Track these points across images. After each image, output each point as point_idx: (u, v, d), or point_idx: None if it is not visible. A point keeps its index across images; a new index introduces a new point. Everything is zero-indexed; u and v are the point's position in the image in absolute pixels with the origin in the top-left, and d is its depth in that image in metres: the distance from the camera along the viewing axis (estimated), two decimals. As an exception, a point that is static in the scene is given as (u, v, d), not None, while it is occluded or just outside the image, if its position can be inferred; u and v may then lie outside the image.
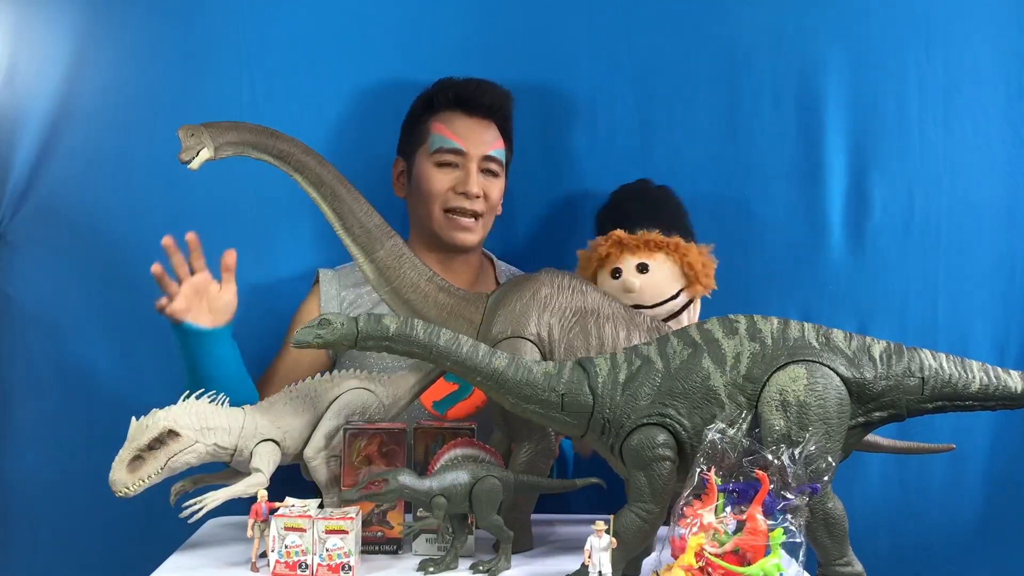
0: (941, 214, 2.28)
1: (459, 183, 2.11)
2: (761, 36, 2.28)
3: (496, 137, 2.16)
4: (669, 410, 1.56)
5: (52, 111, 2.22)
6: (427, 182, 2.13)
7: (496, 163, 2.15)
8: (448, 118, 2.14)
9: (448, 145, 2.11)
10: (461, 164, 2.12)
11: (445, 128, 2.12)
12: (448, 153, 2.12)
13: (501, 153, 2.16)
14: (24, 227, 2.22)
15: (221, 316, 1.95)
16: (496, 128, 2.16)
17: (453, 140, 2.12)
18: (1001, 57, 2.27)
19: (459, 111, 2.14)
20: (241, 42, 2.26)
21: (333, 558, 1.61)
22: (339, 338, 1.56)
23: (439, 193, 2.12)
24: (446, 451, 1.69)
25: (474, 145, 2.12)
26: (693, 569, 1.43)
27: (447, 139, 2.12)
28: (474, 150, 2.12)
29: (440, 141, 2.12)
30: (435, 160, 2.13)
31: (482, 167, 2.13)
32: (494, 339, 1.78)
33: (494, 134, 2.16)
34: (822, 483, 1.51)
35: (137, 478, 1.66)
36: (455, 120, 2.13)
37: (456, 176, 2.12)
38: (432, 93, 2.17)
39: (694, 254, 1.93)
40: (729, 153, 2.29)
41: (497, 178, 2.16)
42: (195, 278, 1.93)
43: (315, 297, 2.18)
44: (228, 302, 1.96)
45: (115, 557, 2.25)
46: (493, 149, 2.14)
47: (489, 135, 2.15)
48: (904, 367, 1.58)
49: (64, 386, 2.25)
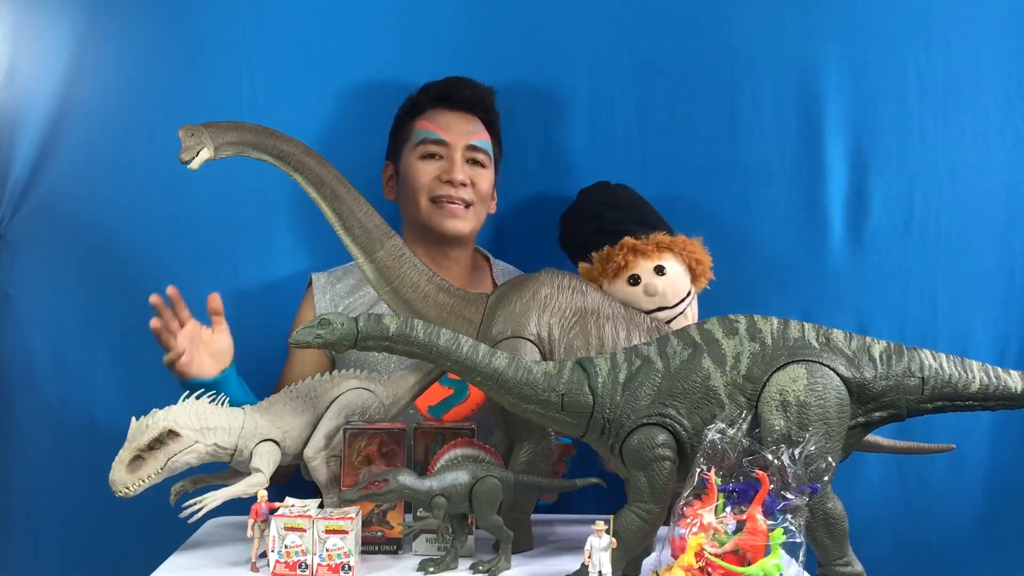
0: (941, 214, 2.28)
1: (444, 172, 2.12)
2: (761, 36, 2.28)
3: (480, 129, 2.17)
4: (669, 410, 1.56)
5: (52, 111, 2.23)
6: (413, 175, 2.15)
7: (482, 153, 2.16)
8: (430, 114, 2.16)
9: (431, 136, 2.13)
10: (445, 154, 2.13)
11: (427, 123, 2.15)
12: (431, 144, 2.14)
13: (486, 144, 2.17)
14: (24, 227, 2.23)
15: (222, 360, 1.97)
16: (480, 121, 2.18)
17: (435, 131, 2.13)
18: (1001, 57, 2.27)
19: (440, 107, 2.16)
20: (241, 42, 2.26)
21: (333, 558, 1.61)
22: (339, 338, 1.56)
23: (424, 183, 2.14)
24: (446, 451, 1.69)
25: (457, 135, 2.14)
26: (693, 569, 1.43)
27: (430, 131, 2.14)
28: (457, 140, 2.13)
29: (423, 134, 2.14)
30: (419, 153, 2.15)
31: (467, 156, 2.14)
32: (494, 339, 1.78)
33: (477, 126, 2.17)
34: (822, 483, 1.51)
35: (137, 478, 1.66)
36: (437, 114, 2.16)
37: (441, 166, 2.13)
38: (415, 96, 2.20)
39: (698, 249, 1.95)
40: (729, 153, 2.29)
41: (484, 168, 2.17)
42: (186, 329, 1.94)
43: (309, 304, 2.18)
44: (225, 345, 1.98)
45: (115, 557, 2.25)
46: (477, 139, 2.15)
47: (472, 126, 2.16)
48: (904, 367, 1.58)
49: (64, 386, 2.25)
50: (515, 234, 2.35)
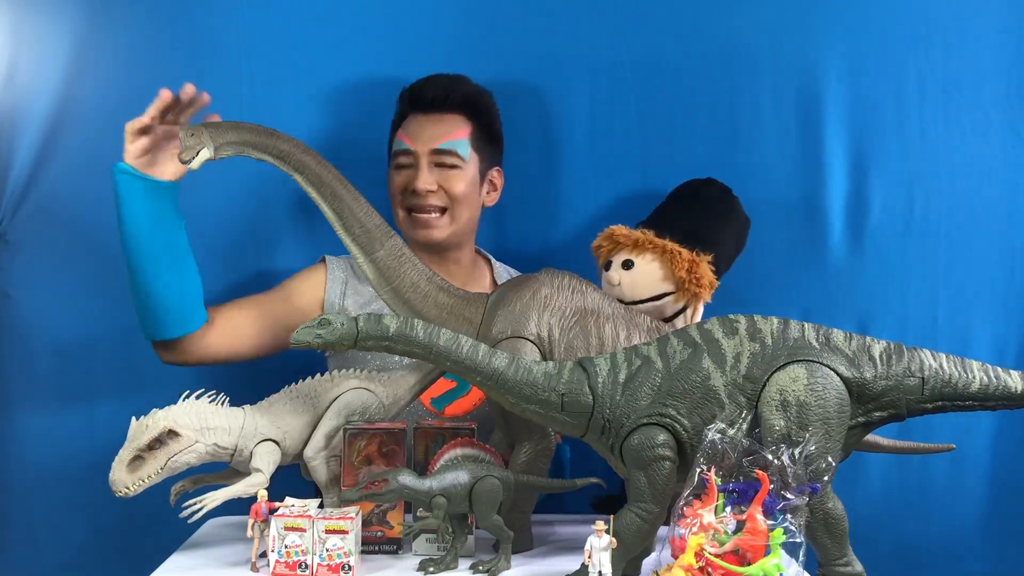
0: (941, 214, 2.28)
1: (410, 181, 2.11)
2: (761, 36, 2.28)
3: (452, 128, 2.12)
4: (669, 410, 1.56)
5: (52, 111, 2.22)
6: (389, 187, 2.16)
7: (450, 155, 2.11)
8: (406, 123, 2.15)
9: (400, 147, 2.13)
10: (413, 163, 2.12)
11: (401, 132, 2.14)
12: (401, 155, 2.13)
13: (455, 143, 2.11)
14: (24, 227, 2.23)
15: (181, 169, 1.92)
16: (457, 116, 2.14)
17: (403, 141, 2.13)
18: (1001, 57, 2.27)
19: (413, 111, 2.15)
20: (241, 42, 2.26)
21: (333, 558, 1.61)
22: (339, 338, 1.56)
23: (395, 195, 2.14)
24: (446, 451, 1.69)
25: (421, 142, 2.11)
26: (693, 569, 1.43)
27: (400, 141, 2.13)
28: (421, 147, 2.11)
29: (396, 145, 2.15)
30: (393, 164, 2.15)
31: (433, 161, 2.11)
32: (494, 339, 1.78)
33: (449, 125, 2.12)
34: (822, 483, 1.51)
35: (137, 478, 1.66)
36: (411, 122, 2.14)
37: (407, 175, 2.12)
38: (398, 103, 2.19)
39: (680, 261, 1.92)
40: (729, 153, 2.29)
41: (456, 169, 2.12)
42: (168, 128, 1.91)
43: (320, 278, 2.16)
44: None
45: (115, 557, 2.25)
46: (443, 142, 2.11)
47: (440, 128, 2.12)
48: (904, 367, 1.58)
49: (64, 386, 2.25)
50: (515, 234, 2.35)
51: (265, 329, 2.08)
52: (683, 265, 1.91)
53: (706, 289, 1.94)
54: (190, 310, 1.99)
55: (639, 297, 1.92)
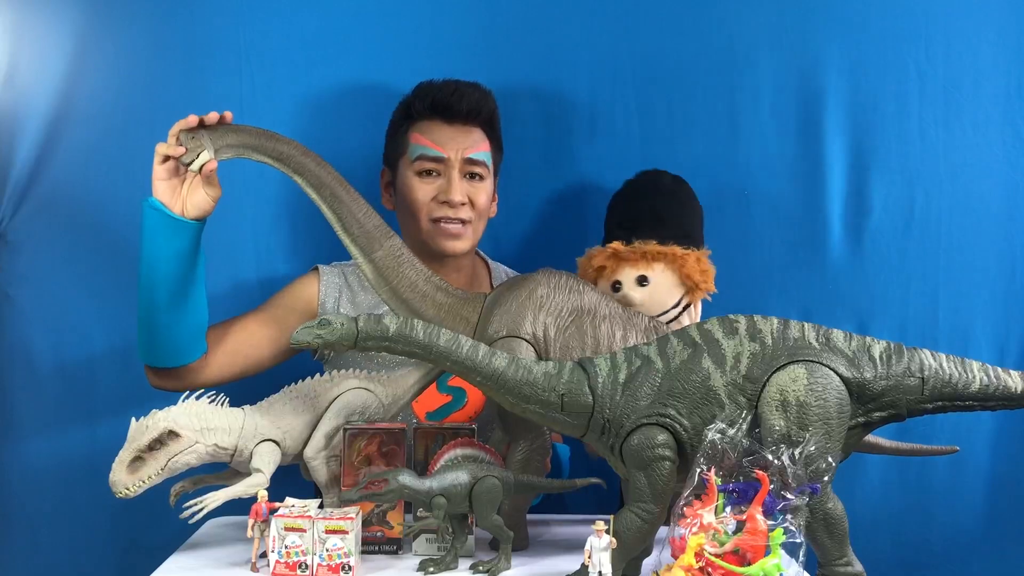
0: (941, 214, 2.28)
1: (441, 192, 2.07)
2: (761, 36, 2.28)
3: (479, 140, 2.11)
4: (669, 410, 1.56)
5: (52, 111, 2.22)
6: (411, 192, 2.10)
7: (480, 166, 2.10)
8: (426, 127, 2.10)
9: (428, 153, 2.08)
10: (443, 171, 2.08)
11: (423, 137, 2.09)
12: (428, 161, 2.08)
13: (485, 155, 2.11)
14: (24, 227, 2.22)
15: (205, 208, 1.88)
16: (479, 130, 2.12)
17: (432, 147, 2.07)
18: (1001, 57, 2.27)
19: (437, 118, 2.10)
20: (240, 43, 2.26)
21: (333, 558, 1.61)
22: (339, 338, 1.56)
23: (423, 203, 2.08)
24: (446, 451, 1.69)
25: (454, 150, 2.07)
26: (693, 569, 1.43)
27: (426, 147, 2.08)
28: (454, 156, 2.07)
29: (419, 150, 2.08)
30: (416, 169, 2.09)
31: (465, 171, 2.09)
32: (490, 338, 1.77)
33: (476, 137, 2.11)
34: (822, 483, 1.50)
35: (137, 479, 1.66)
36: (433, 128, 2.09)
37: (439, 184, 2.08)
38: (410, 100, 2.13)
39: (691, 263, 1.92)
40: (729, 153, 2.29)
41: (483, 181, 2.11)
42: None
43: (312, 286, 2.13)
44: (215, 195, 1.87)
45: (115, 557, 2.25)
46: (475, 152, 2.09)
47: (470, 139, 2.09)
48: (904, 367, 1.58)
49: (64, 386, 2.25)
50: (514, 235, 2.35)
51: (263, 348, 2.06)
52: (694, 267, 1.92)
53: (712, 284, 1.95)
54: (190, 344, 1.96)
55: (663, 308, 1.92)
